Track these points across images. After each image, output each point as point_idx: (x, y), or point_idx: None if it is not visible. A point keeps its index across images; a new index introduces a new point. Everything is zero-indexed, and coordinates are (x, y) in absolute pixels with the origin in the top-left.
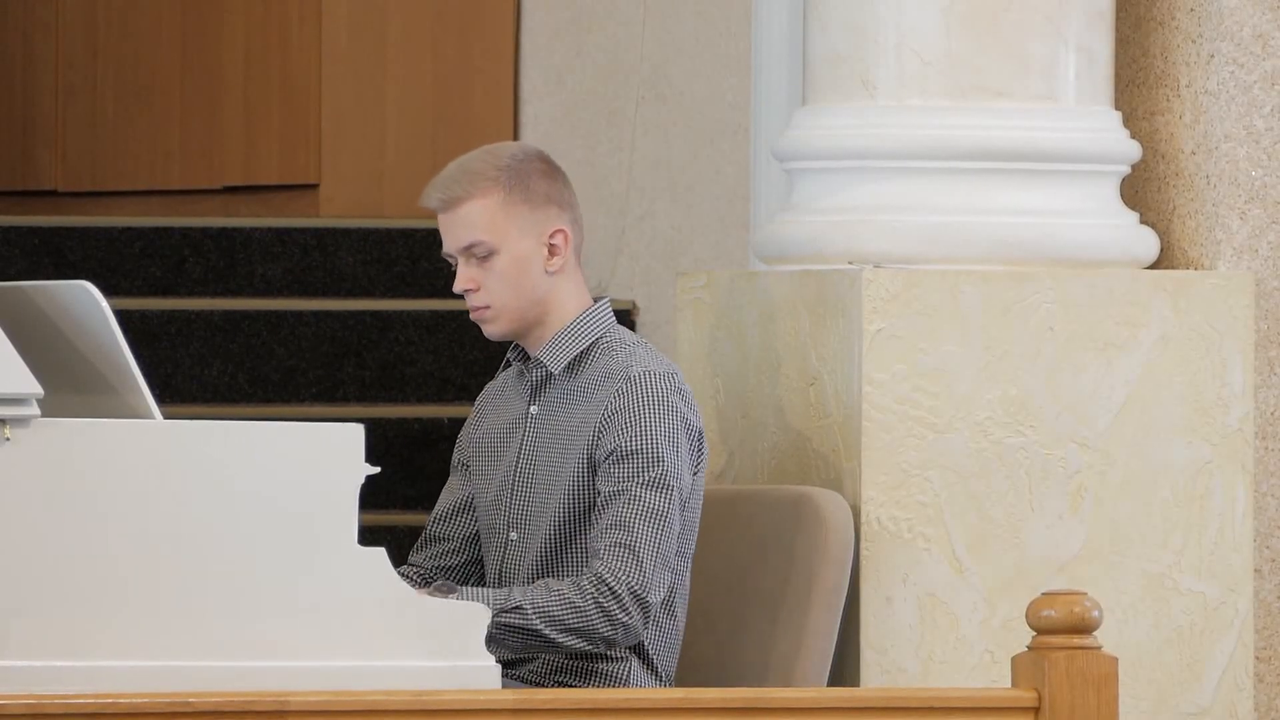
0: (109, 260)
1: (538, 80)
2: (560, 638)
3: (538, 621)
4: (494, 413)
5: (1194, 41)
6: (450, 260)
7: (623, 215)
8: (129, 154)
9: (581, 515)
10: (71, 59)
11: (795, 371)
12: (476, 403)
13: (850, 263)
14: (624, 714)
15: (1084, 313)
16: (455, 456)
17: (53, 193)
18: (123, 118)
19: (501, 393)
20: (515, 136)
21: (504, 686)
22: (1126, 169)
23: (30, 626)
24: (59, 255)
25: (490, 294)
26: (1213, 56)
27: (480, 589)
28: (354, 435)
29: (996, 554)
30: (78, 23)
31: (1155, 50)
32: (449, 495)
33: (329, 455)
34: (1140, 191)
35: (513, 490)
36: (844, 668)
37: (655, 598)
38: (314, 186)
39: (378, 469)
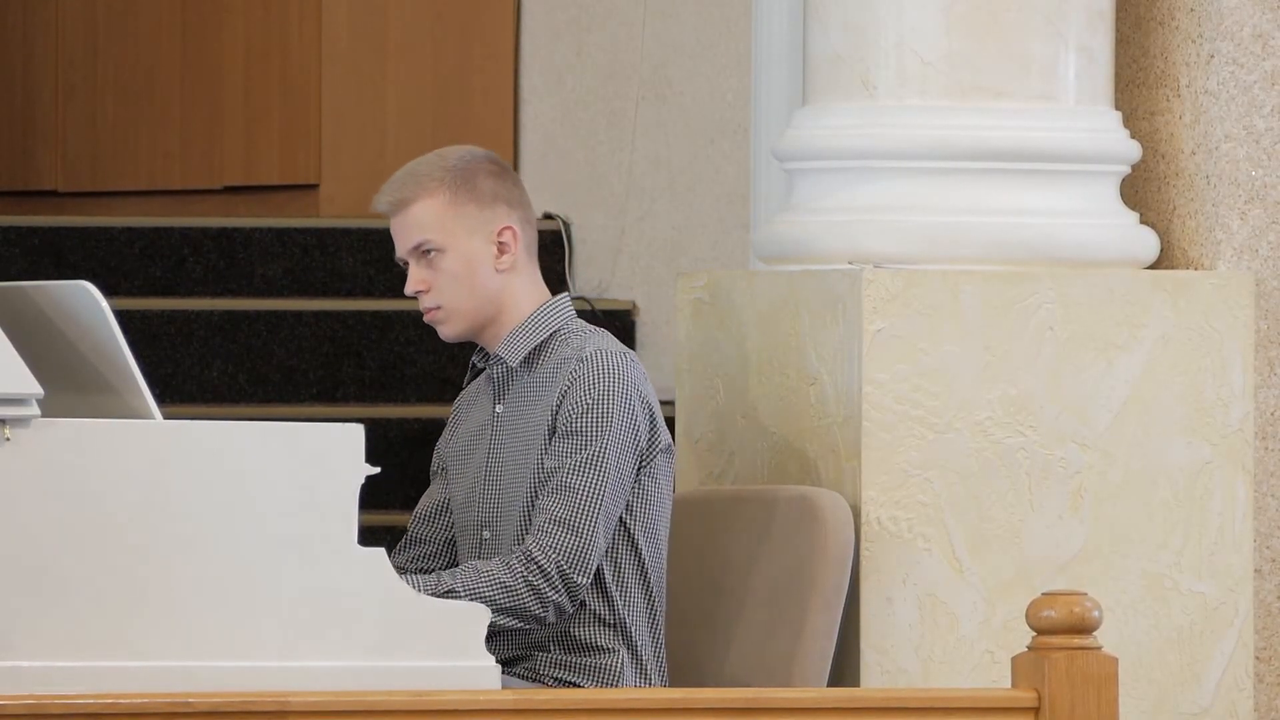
0: (109, 260)
1: (538, 80)
2: (493, 617)
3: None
4: (467, 418)
5: (1194, 41)
6: (403, 264)
7: (623, 215)
8: (129, 154)
9: None
10: (71, 59)
11: (795, 371)
12: (452, 409)
13: (850, 263)
14: (624, 714)
15: (1084, 313)
16: (434, 463)
17: (53, 193)
18: (123, 118)
19: (475, 399)
20: (515, 136)
21: (504, 684)
22: (1126, 169)
23: (30, 627)
24: (59, 255)
25: (441, 294)
26: (1213, 56)
27: (413, 576)
28: (354, 435)
29: (996, 554)
30: (78, 23)
31: (1155, 50)
32: (428, 499)
33: (329, 455)
34: (1140, 191)
35: (484, 489)
36: (844, 668)
37: (583, 578)
38: (314, 186)
39: (378, 469)
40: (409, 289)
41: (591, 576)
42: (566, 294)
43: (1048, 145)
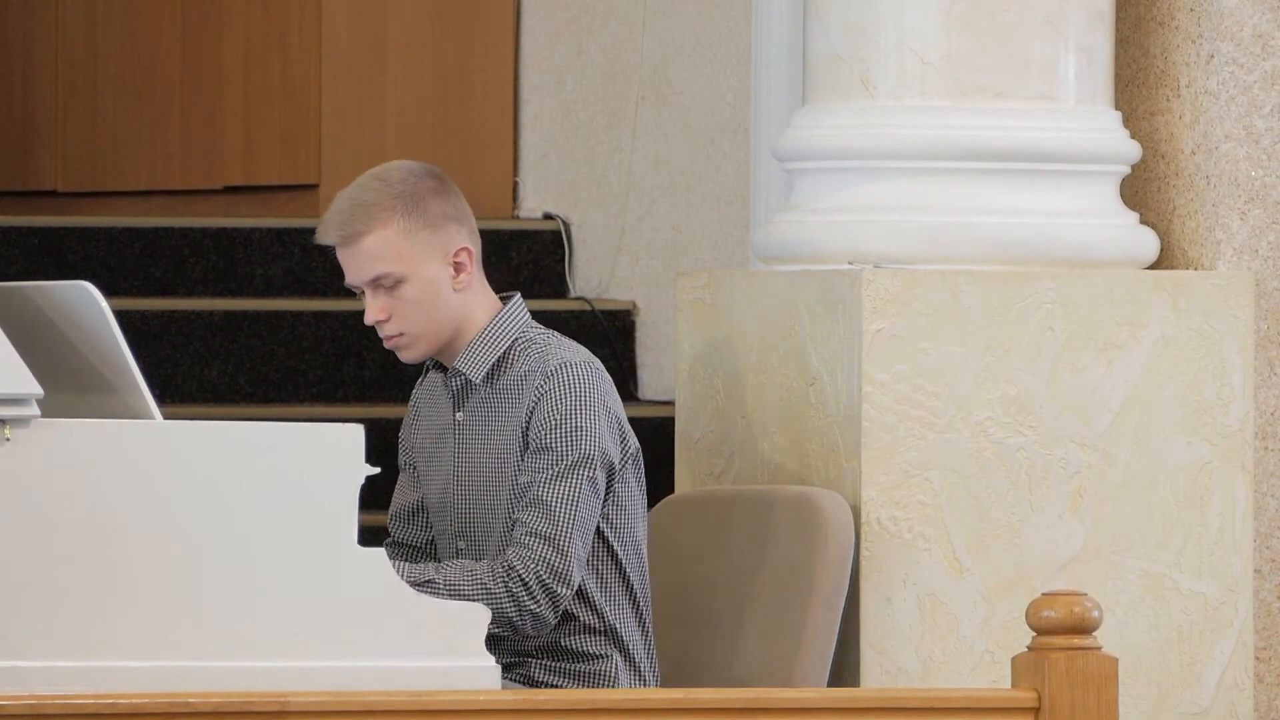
0: (109, 260)
1: (538, 80)
2: None
3: (449, 598)
4: (427, 414)
5: (1194, 41)
6: (355, 291)
7: (623, 215)
8: (129, 154)
9: None
10: (71, 59)
11: (795, 371)
12: (411, 400)
13: (850, 263)
14: (624, 714)
15: (1084, 313)
16: (401, 457)
17: (53, 193)
18: (123, 118)
19: (434, 393)
20: (515, 137)
21: (503, 687)
22: (1126, 169)
23: (30, 626)
24: (59, 255)
25: (404, 321)
26: (1213, 56)
27: (400, 563)
28: (354, 435)
29: (996, 554)
30: (78, 23)
31: (1155, 50)
32: (402, 496)
33: (329, 455)
34: (1140, 191)
35: (455, 501)
36: (844, 668)
37: (564, 589)
38: (314, 186)
39: (378, 469)
40: (369, 319)
41: (574, 588)
42: (518, 295)
43: (1048, 145)
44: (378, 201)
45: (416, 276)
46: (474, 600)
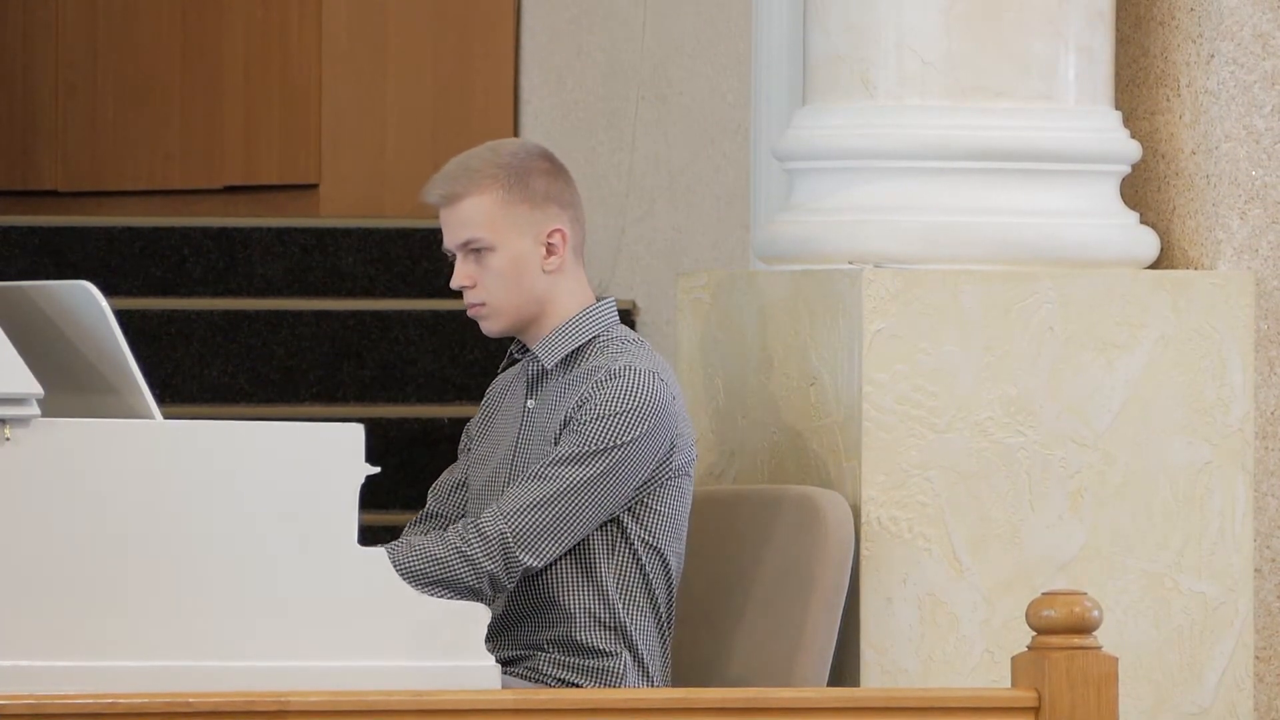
0: (109, 260)
1: (538, 80)
2: (428, 592)
3: (404, 579)
4: (501, 404)
5: (1194, 41)
6: (450, 255)
7: (623, 215)
8: (129, 154)
9: None
10: (71, 59)
11: (795, 371)
12: (488, 392)
13: (850, 263)
14: (624, 714)
15: (1084, 313)
16: (463, 440)
17: (53, 193)
18: (123, 118)
19: (509, 386)
20: (515, 136)
21: (505, 684)
22: (1126, 169)
23: (30, 626)
24: (59, 255)
25: (487, 291)
26: (1213, 56)
27: None
28: (354, 435)
29: (996, 554)
30: (78, 23)
31: (1155, 50)
32: (448, 474)
33: (329, 455)
34: (1140, 191)
35: (505, 482)
36: (844, 668)
37: (528, 559)
38: (314, 186)
39: (378, 469)
40: (455, 283)
41: (543, 561)
42: (612, 300)
43: (1048, 145)
44: (482, 169)
45: (505, 248)
46: (428, 574)
